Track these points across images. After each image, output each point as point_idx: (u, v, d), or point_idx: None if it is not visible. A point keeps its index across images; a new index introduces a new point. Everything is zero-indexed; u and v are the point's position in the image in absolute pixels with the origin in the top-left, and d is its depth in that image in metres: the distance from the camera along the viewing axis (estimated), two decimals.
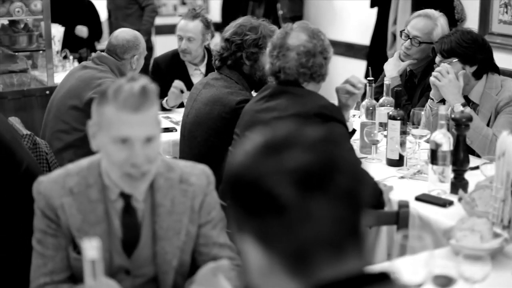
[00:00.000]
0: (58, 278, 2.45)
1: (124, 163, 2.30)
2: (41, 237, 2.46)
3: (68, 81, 4.84)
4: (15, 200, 3.25)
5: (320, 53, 3.30)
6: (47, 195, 2.44)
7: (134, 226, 2.48)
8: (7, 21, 6.59)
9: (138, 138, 2.28)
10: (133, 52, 4.86)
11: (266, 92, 3.44)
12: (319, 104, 3.29)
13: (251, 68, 3.98)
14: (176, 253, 2.48)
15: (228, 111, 3.85)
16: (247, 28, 3.96)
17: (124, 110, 2.26)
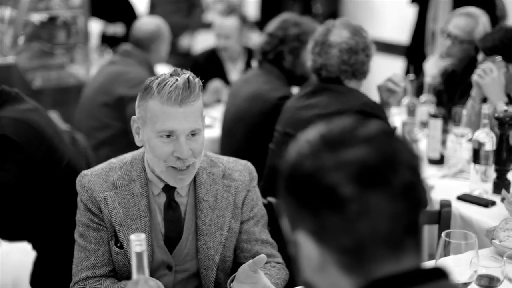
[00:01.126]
0: (100, 272, 2.45)
1: (169, 157, 2.31)
2: (83, 231, 2.47)
3: (97, 77, 4.88)
4: (57, 195, 3.27)
5: (362, 51, 3.28)
6: (90, 188, 2.45)
7: (176, 221, 2.48)
8: (46, 16, 6.63)
9: (183, 132, 2.29)
10: (158, 41, 4.91)
11: (308, 89, 3.44)
12: (361, 101, 3.27)
13: (292, 63, 3.99)
14: (218, 249, 2.47)
15: (268, 107, 3.85)
16: (291, 23, 3.99)
17: (169, 103, 2.26)
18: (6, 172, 3.09)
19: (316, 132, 1.31)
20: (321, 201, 1.25)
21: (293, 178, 1.30)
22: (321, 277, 1.30)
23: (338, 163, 1.25)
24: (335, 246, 1.26)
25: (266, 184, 3.44)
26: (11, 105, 3.29)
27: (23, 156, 3.13)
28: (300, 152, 1.30)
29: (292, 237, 1.33)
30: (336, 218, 1.24)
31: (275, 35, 3.99)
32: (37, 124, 3.29)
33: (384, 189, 1.24)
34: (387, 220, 1.24)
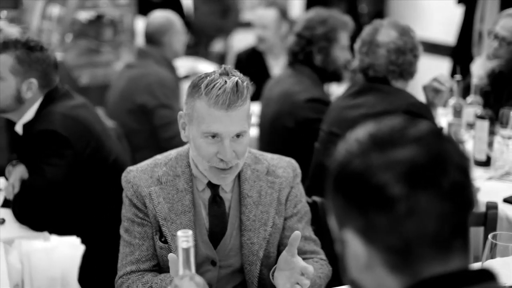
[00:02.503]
0: (144, 266, 2.48)
1: (213, 157, 2.33)
2: (128, 226, 2.50)
3: (118, 83, 4.91)
4: (104, 191, 3.31)
5: (410, 51, 3.27)
6: (135, 184, 2.48)
7: (221, 217, 2.50)
8: (94, 14, 6.71)
9: (228, 134, 2.30)
10: (169, 33, 4.91)
11: (354, 88, 3.43)
12: (407, 101, 3.26)
13: (322, 61, 3.96)
14: (262, 244, 2.48)
15: (296, 109, 3.84)
16: (316, 21, 3.95)
17: (216, 107, 2.26)
18: (55, 167, 3.13)
19: (365, 131, 1.31)
20: (370, 200, 1.25)
21: (342, 176, 1.30)
22: (368, 276, 1.30)
23: (387, 162, 1.25)
24: (382, 246, 1.26)
25: (311, 183, 3.44)
26: (61, 101, 3.33)
27: (71, 151, 3.17)
28: (349, 151, 1.30)
29: (340, 236, 1.33)
30: (384, 218, 1.24)
31: (302, 35, 3.98)
32: (86, 120, 3.33)
33: (433, 189, 1.23)
34: (435, 221, 1.24)
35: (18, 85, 3.24)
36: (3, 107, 3.27)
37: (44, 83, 3.29)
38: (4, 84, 3.23)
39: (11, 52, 3.23)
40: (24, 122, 3.30)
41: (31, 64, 3.24)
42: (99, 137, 3.36)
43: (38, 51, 3.27)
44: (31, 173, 3.18)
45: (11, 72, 3.22)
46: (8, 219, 3.15)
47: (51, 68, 3.32)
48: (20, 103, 3.27)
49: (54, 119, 3.21)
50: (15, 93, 3.24)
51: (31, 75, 3.24)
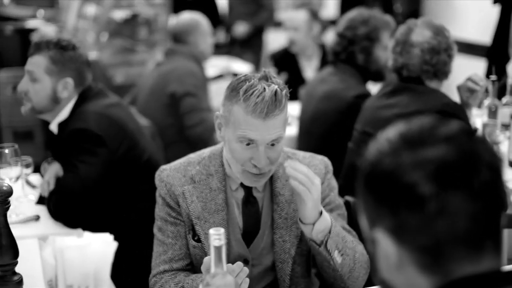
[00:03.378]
0: (177, 265, 2.49)
1: (247, 162, 2.33)
2: (161, 225, 2.52)
3: (148, 82, 4.96)
4: (137, 189, 3.34)
5: (445, 51, 3.24)
6: (169, 182, 2.49)
7: (254, 216, 2.50)
8: (129, 13, 6.75)
9: (263, 142, 2.29)
10: (195, 33, 4.96)
11: (388, 88, 3.41)
12: (441, 102, 3.24)
13: (365, 61, 3.95)
14: (294, 242, 2.48)
15: (344, 106, 3.84)
16: (358, 21, 3.95)
17: (253, 115, 2.25)
18: (88, 165, 3.16)
19: (396, 131, 1.31)
20: (400, 200, 1.25)
21: (372, 176, 1.30)
22: (399, 276, 1.30)
23: (417, 161, 1.24)
24: (413, 245, 1.25)
25: (344, 182, 3.43)
26: (95, 100, 3.36)
27: (105, 150, 3.20)
28: (380, 150, 1.30)
29: (371, 235, 1.33)
30: (415, 217, 1.23)
31: (344, 35, 3.97)
32: (120, 119, 3.36)
33: (464, 189, 1.22)
34: (466, 220, 1.23)
35: (53, 85, 3.27)
36: (40, 108, 3.31)
37: (79, 81, 3.32)
38: (40, 85, 3.27)
39: (44, 53, 3.27)
40: (59, 121, 3.34)
41: (65, 63, 3.27)
42: (132, 135, 3.38)
43: (70, 50, 3.30)
44: (65, 171, 3.22)
45: (46, 73, 3.26)
46: (43, 216, 3.18)
47: (84, 66, 3.36)
48: (56, 103, 3.30)
49: (88, 117, 3.23)
50: (51, 94, 3.28)
51: (66, 74, 3.28)
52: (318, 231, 2.32)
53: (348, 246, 2.39)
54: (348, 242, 2.40)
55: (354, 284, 2.43)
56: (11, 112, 7.29)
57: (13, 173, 3.13)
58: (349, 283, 2.41)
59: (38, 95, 3.28)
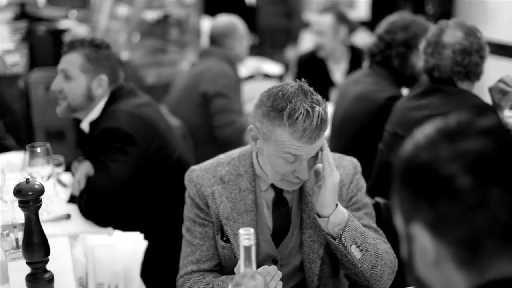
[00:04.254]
0: (204, 266, 2.51)
1: (289, 174, 2.35)
2: (189, 226, 2.54)
3: (181, 82, 4.98)
4: (167, 189, 3.35)
5: (477, 52, 3.22)
6: (198, 183, 2.51)
7: (284, 216, 2.51)
8: (160, 14, 6.79)
9: (308, 157, 2.32)
10: (231, 37, 4.98)
11: (419, 89, 3.39)
12: (473, 103, 3.21)
13: (400, 65, 3.94)
14: (322, 242, 2.48)
15: (376, 108, 3.82)
16: (399, 26, 3.92)
17: (301, 141, 2.26)
18: (119, 164, 3.18)
19: (432, 126, 1.31)
20: (438, 192, 1.24)
21: (409, 169, 1.29)
22: (435, 273, 1.28)
23: (455, 153, 1.23)
24: (451, 239, 1.24)
25: (375, 184, 3.42)
26: (126, 100, 3.38)
27: (136, 149, 3.22)
28: (417, 144, 1.30)
29: (407, 231, 1.32)
30: (453, 209, 1.22)
31: (383, 38, 3.96)
32: (151, 118, 3.38)
33: (503, 181, 1.21)
34: (505, 212, 1.21)
35: (88, 83, 3.31)
36: (75, 105, 3.35)
37: (112, 79, 3.36)
38: (75, 83, 3.30)
39: (78, 51, 3.30)
40: (90, 120, 3.36)
41: (100, 61, 3.31)
42: (163, 135, 3.39)
43: (104, 48, 3.34)
44: (96, 170, 3.24)
45: (81, 70, 3.29)
46: (74, 215, 3.21)
47: (117, 65, 3.39)
48: (90, 101, 3.34)
49: (119, 116, 3.26)
50: (86, 91, 3.32)
51: (101, 71, 3.31)
52: (334, 224, 2.34)
53: (369, 242, 2.39)
54: (369, 238, 2.40)
55: (379, 283, 2.42)
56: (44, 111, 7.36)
57: (44, 172, 3.16)
58: (372, 281, 2.40)
59: (73, 93, 3.31)
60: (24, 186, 2.34)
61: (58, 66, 3.37)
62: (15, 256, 2.66)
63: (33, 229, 2.38)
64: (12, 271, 2.36)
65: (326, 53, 5.54)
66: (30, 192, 2.32)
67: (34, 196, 2.33)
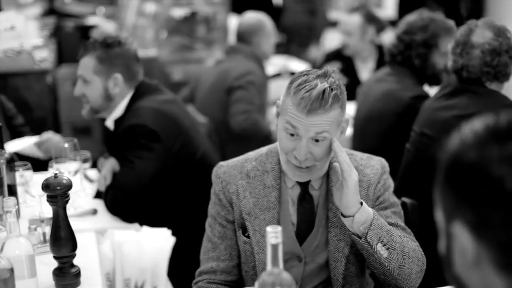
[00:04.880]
0: (223, 265, 2.54)
1: (289, 152, 2.36)
2: (211, 222, 2.57)
3: (208, 79, 4.96)
4: (191, 186, 3.36)
5: (506, 52, 3.19)
6: (225, 180, 2.52)
7: (309, 214, 2.51)
8: (188, 11, 6.80)
9: (305, 136, 2.31)
10: (259, 34, 4.96)
11: (447, 90, 3.37)
12: (501, 103, 3.19)
13: (421, 65, 3.90)
14: (348, 241, 2.47)
15: (401, 106, 3.80)
16: (417, 27, 3.87)
17: (298, 109, 2.29)
18: (144, 160, 3.19)
19: (482, 123, 1.25)
20: (484, 194, 1.19)
21: (455, 168, 1.25)
22: (474, 273, 1.24)
23: (505, 155, 1.19)
24: (493, 242, 1.20)
25: (401, 183, 3.40)
26: (150, 96, 3.40)
27: (160, 145, 3.23)
28: (464, 141, 1.25)
29: (447, 228, 1.29)
30: (498, 213, 1.18)
31: (402, 39, 3.92)
32: (175, 115, 3.39)
33: None
34: None
35: (104, 83, 3.34)
36: (97, 107, 3.39)
37: (128, 76, 3.38)
38: (92, 86, 3.35)
39: (91, 54, 3.34)
40: (115, 118, 3.39)
41: (112, 60, 3.33)
42: (187, 132, 3.40)
43: (116, 46, 3.35)
44: (121, 166, 3.26)
45: (95, 73, 3.33)
46: (100, 210, 3.23)
47: (132, 61, 3.40)
48: (109, 100, 3.37)
49: (143, 113, 3.27)
50: (104, 92, 3.35)
51: (115, 70, 3.34)
52: (359, 223, 2.32)
53: (395, 240, 2.37)
54: (395, 237, 2.38)
55: (407, 282, 2.40)
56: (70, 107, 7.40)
57: (72, 167, 3.18)
58: (400, 280, 2.38)
59: (92, 96, 3.36)
60: (52, 181, 2.36)
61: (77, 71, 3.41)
62: (42, 250, 2.68)
63: (60, 223, 2.41)
64: (39, 265, 2.38)
65: (352, 52, 5.52)
66: (58, 187, 2.35)
67: (62, 191, 2.35)
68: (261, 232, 2.46)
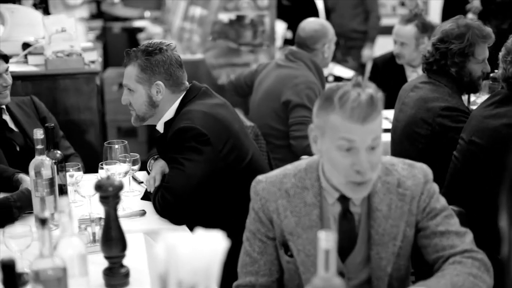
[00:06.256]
0: (262, 280, 2.51)
1: (349, 170, 2.28)
2: (250, 237, 2.53)
3: (264, 81, 4.93)
4: (240, 189, 3.36)
5: None
6: (264, 197, 2.48)
7: (350, 231, 2.46)
8: (235, 16, 6.83)
9: (363, 146, 2.25)
10: (323, 41, 4.90)
11: (496, 98, 3.34)
12: None
13: (457, 74, 3.84)
14: (390, 259, 2.43)
15: (430, 117, 3.75)
16: (453, 35, 3.78)
17: (351, 120, 2.22)
18: (194, 163, 3.21)
19: None
20: None
21: None
22: None
23: None
24: None
25: (448, 191, 3.38)
26: (200, 100, 3.43)
27: (210, 148, 3.25)
28: None
29: (509, 235, 1.27)
30: None
31: (438, 47, 3.85)
32: (225, 118, 3.40)
33: None
34: None
35: (147, 91, 3.39)
36: (142, 115, 3.45)
37: (172, 82, 3.41)
38: (137, 94, 3.41)
39: (133, 63, 3.39)
40: (165, 121, 3.42)
41: (153, 68, 3.37)
42: (237, 135, 3.42)
43: (157, 54, 3.39)
44: (171, 168, 3.28)
45: (138, 82, 3.38)
46: (149, 211, 3.26)
47: (174, 67, 3.43)
48: (154, 107, 3.42)
49: (194, 116, 3.30)
50: (148, 100, 3.40)
51: (156, 78, 3.38)
52: None
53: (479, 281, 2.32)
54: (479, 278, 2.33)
55: None
56: (116, 109, 7.48)
57: (121, 169, 3.22)
58: None
59: (137, 104, 3.42)
60: (105, 182, 2.40)
61: None
62: (92, 250, 2.71)
63: (111, 224, 2.44)
64: (88, 265, 2.41)
65: (405, 62, 5.49)
66: (111, 188, 2.38)
67: (114, 192, 2.39)
68: (305, 251, 2.42)
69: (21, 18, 5.44)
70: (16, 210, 3.11)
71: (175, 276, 1.70)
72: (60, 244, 2.21)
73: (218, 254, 1.72)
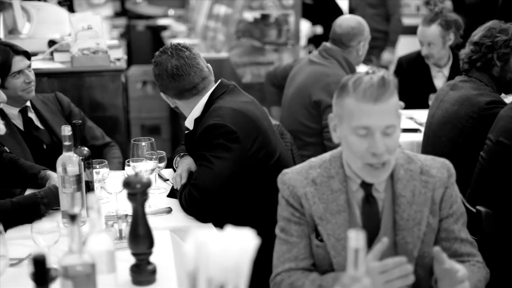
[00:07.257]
0: (302, 264, 2.52)
1: (365, 153, 2.34)
2: (284, 225, 2.55)
3: (297, 77, 4.90)
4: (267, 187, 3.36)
5: None
6: (291, 185, 2.53)
7: (374, 216, 2.50)
8: (259, 15, 6.83)
9: (378, 128, 2.31)
10: (359, 38, 4.85)
11: None
12: None
13: (501, 69, 3.85)
14: (416, 244, 2.47)
15: (476, 111, 3.77)
16: (497, 30, 3.86)
17: (364, 100, 2.30)
18: (222, 160, 3.20)
19: None
20: None
21: None
22: None
23: None
24: None
25: (474, 191, 3.36)
26: (229, 96, 3.42)
27: (239, 146, 3.24)
28: None
29: None
30: None
31: (482, 43, 3.87)
32: (255, 116, 3.40)
33: None
34: None
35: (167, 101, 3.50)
36: None
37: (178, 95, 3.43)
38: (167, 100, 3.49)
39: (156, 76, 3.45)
40: (194, 117, 3.42)
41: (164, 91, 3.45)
42: (266, 133, 3.41)
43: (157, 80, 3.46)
44: (199, 165, 3.27)
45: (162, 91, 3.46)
46: (175, 209, 3.26)
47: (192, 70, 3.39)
48: None
49: (223, 113, 3.29)
50: None
51: (169, 94, 3.43)
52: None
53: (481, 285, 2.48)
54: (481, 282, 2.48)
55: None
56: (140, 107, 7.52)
57: (148, 166, 3.23)
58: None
59: None
60: (133, 179, 2.41)
61: None
62: (118, 247, 2.72)
63: (139, 221, 2.45)
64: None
65: (435, 61, 5.47)
66: (139, 185, 2.39)
67: (142, 189, 2.40)
68: (334, 236, 2.47)
69: (46, 16, 5.48)
70: (44, 207, 3.12)
71: (204, 273, 1.70)
72: (89, 240, 2.22)
73: (248, 252, 1.72)
